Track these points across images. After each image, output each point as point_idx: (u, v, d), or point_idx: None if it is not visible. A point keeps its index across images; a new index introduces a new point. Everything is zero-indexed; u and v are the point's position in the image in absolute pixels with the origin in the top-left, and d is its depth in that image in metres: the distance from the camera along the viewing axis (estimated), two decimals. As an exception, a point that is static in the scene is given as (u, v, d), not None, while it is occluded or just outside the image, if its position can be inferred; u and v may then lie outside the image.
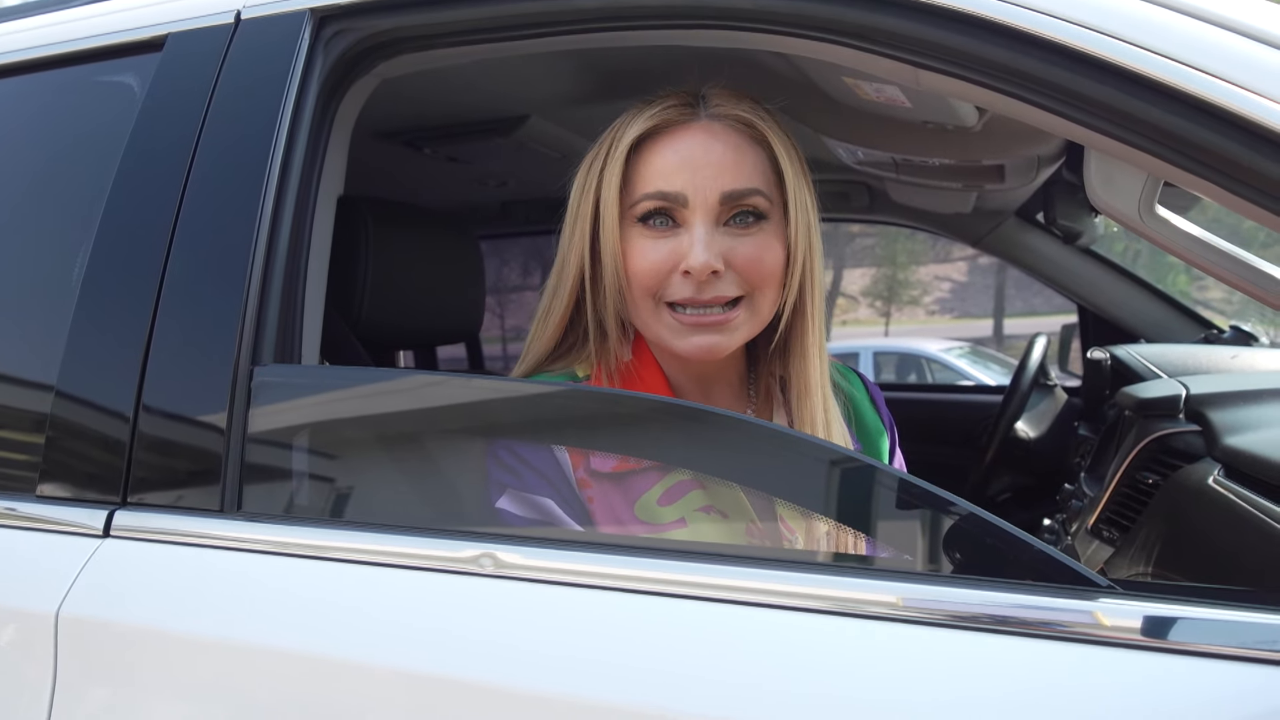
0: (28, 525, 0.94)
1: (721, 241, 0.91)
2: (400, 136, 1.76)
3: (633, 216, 0.93)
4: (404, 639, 0.77)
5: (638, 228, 0.93)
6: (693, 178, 0.91)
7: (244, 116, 0.97)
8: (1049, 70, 0.73)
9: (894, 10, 0.78)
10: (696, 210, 0.91)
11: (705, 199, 0.90)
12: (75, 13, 1.15)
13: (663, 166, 0.92)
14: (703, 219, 0.91)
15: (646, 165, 0.93)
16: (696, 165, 0.91)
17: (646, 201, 0.92)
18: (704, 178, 0.91)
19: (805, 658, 0.69)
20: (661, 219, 0.92)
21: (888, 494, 0.77)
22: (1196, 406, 1.34)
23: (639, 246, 0.92)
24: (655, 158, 0.93)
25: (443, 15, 0.95)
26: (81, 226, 1.00)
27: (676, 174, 0.91)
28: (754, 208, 0.92)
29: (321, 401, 0.90)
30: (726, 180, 0.91)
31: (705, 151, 0.92)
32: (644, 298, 0.93)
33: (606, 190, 0.93)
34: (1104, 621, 0.64)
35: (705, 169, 0.91)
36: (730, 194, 0.91)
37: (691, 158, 0.91)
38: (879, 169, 1.96)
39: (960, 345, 8.97)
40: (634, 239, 0.93)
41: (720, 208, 0.91)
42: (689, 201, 0.91)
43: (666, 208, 0.92)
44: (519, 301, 3.18)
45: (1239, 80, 0.68)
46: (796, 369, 0.98)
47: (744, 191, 0.91)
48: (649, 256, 0.92)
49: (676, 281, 0.91)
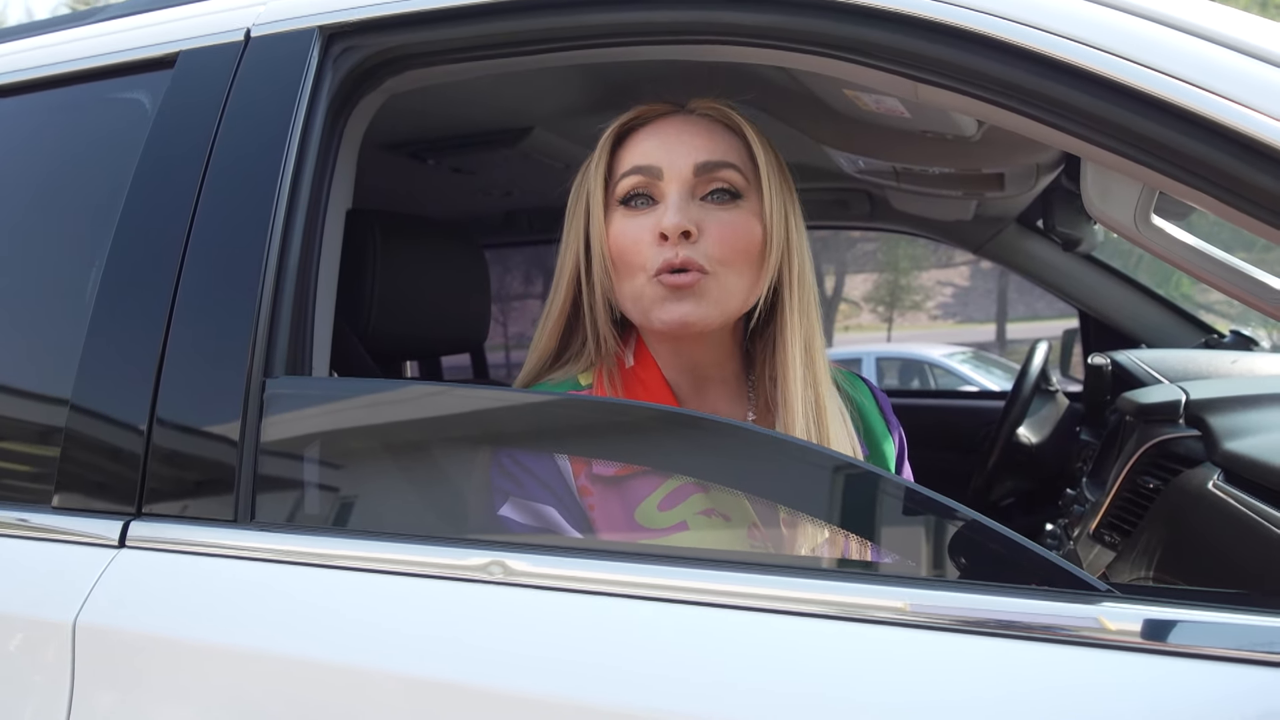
0: (44, 536, 0.95)
1: (696, 211, 0.95)
2: (405, 149, 1.77)
3: (616, 201, 0.98)
4: (416, 646, 0.78)
5: (620, 210, 0.98)
6: (668, 153, 0.96)
7: (255, 132, 0.98)
8: (1044, 84, 0.74)
9: (891, 26, 0.79)
10: (671, 181, 0.95)
11: (679, 170, 0.95)
12: (87, 30, 1.17)
13: (642, 147, 0.98)
14: (678, 189, 0.95)
15: (628, 151, 0.99)
16: (671, 143, 0.97)
17: (625, 180, 0.97)
18: (678, 153, 0.96)
19: (812, 662, 0.70)
20: (641, 199, 0.97)
21: (885, 500, 0.78)
22: (1196, 411, 1.34)
23: (621, 226, 0.97)
24: (635, 144, 0.99)
25: (450, 32, 0.97)
26: (96, 240, 1.01)
27: (653, 151, 0.97)
28: (729, 184, 0.96)
29: (333, 412, 0.92)
30: (700, 153, 0.96)
31: (679, 131, 0.98)
32: (631, 276, 0.96)
33: (594, 180, 0.99)
34: (1105, 625, 0.65)
35: (679, 145, 0.96)
36: (704, 164, 0.95)
37: (666, 137, 0.98)
38: (880, 177, 1.97)
39: (963, 350, 8.96)
40: (617, 221, 0.98)
41: (695, 179, 0.96)
42: (663, 173, 0.96)
43: (644, 184, 0.96)
44: (522, 310, 3.19)
45: (1230, 94, 0.69)
46: (779, 364, 1.00)
47: (718, 163, 0.96)
48: (630, 233, 0.96)
49: (654, 253, 0.94)
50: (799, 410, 0.97)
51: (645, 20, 0.92)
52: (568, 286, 1.01)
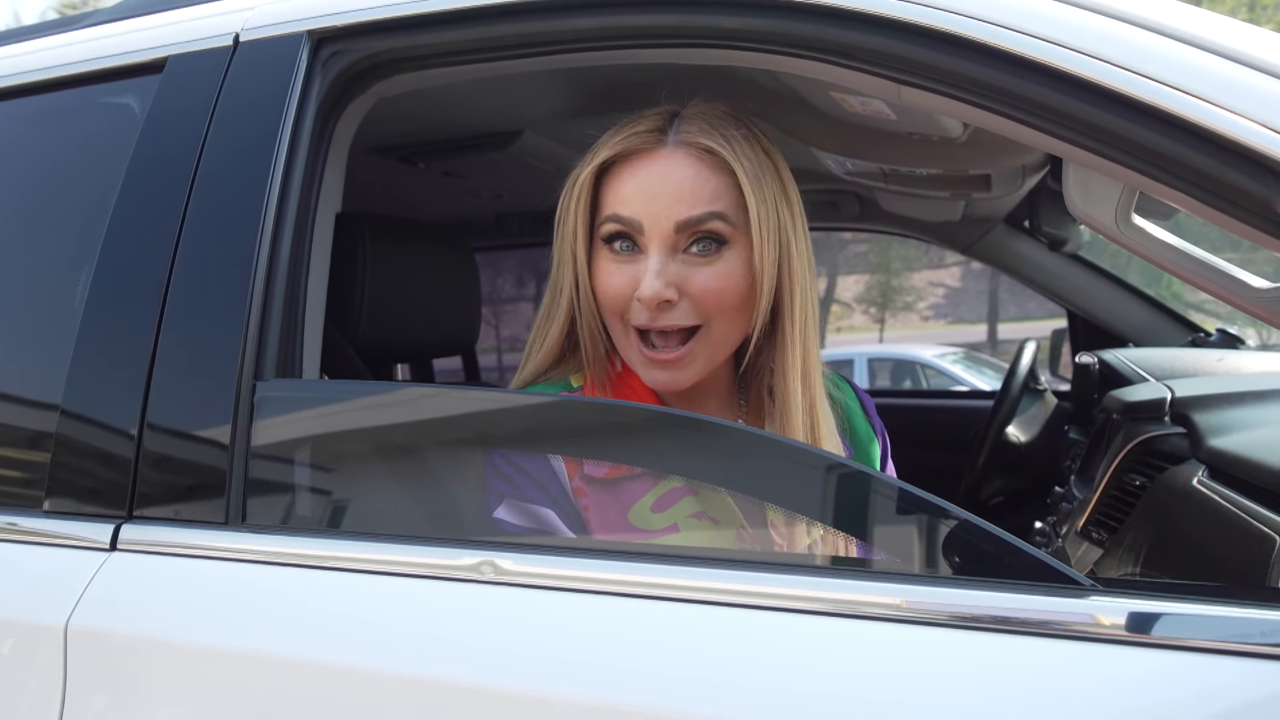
0: (35, 540, 0.95)
1: (677, 270, 0.92)
2: (395, 152, 1.77)
3: (599, 237, 0.96)
4: (408, 646, 0.78)
5: (604, 249, 0.96)
6: (649, 206, 0.92)
7: (243, 136, 0.98)
8: (1025, 87, 0.75)
9: (874, 29, 0.80)
10: (652, 238, 0.92)
11: (660, 228, 0.92)
12: (75, 36, 1.17)
13: (622, 192, 0.94)
14: (658, 248, 0.92)
15: (610, 190, 0.95)
16: (654, 194, 0.92)
17: (608, 224, 0.94)
18: (660, 206, 0.92)
19: (808, 659, 0.70)
20: (624, 242, 0.94)
21: (875, 499, 0.79)
22: (1181, 409, 1.36)
23: (604, 269, 0.95)
24: (618, 183, 0.95)
25: (438, 36, 0.97)
26: (85, 245, 1.01)
27: (634, 200, 0.93)
28: (713, 233, 0.92)
29: (323, 415, 0.92)
30: (683, 209, 0.92)
31: (664, 180, 0.93)
32: (613, 319, 0.96)
33: (578, 213, 0.96)
34: (1090, 619, 0.66)
35: (662, 197, 0.92)
36: (685, 222, 0.92)
37: (649, 186, 0.93)
38: (868, 179, 1.99)
39: (955, 350, 8.99)
40: (601, 260, 0.96)
41: (676, 236, 0.92)
42: (644, 229, 0.93)
43: (626, 232, 0.94)
44: (514, 312, 3.19)
45: (1208, 96, 0.70)
46: (778, 387, 0.99)
47: (700, 218, 0.92)
48: (612, 280, 0.94)
49: (636, 307, 0.93)
50: (799, 428, 0.97)
51: (631, 24, 0.93)
52: (568, 303, 0.99)
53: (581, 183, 0.96)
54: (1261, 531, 0.95)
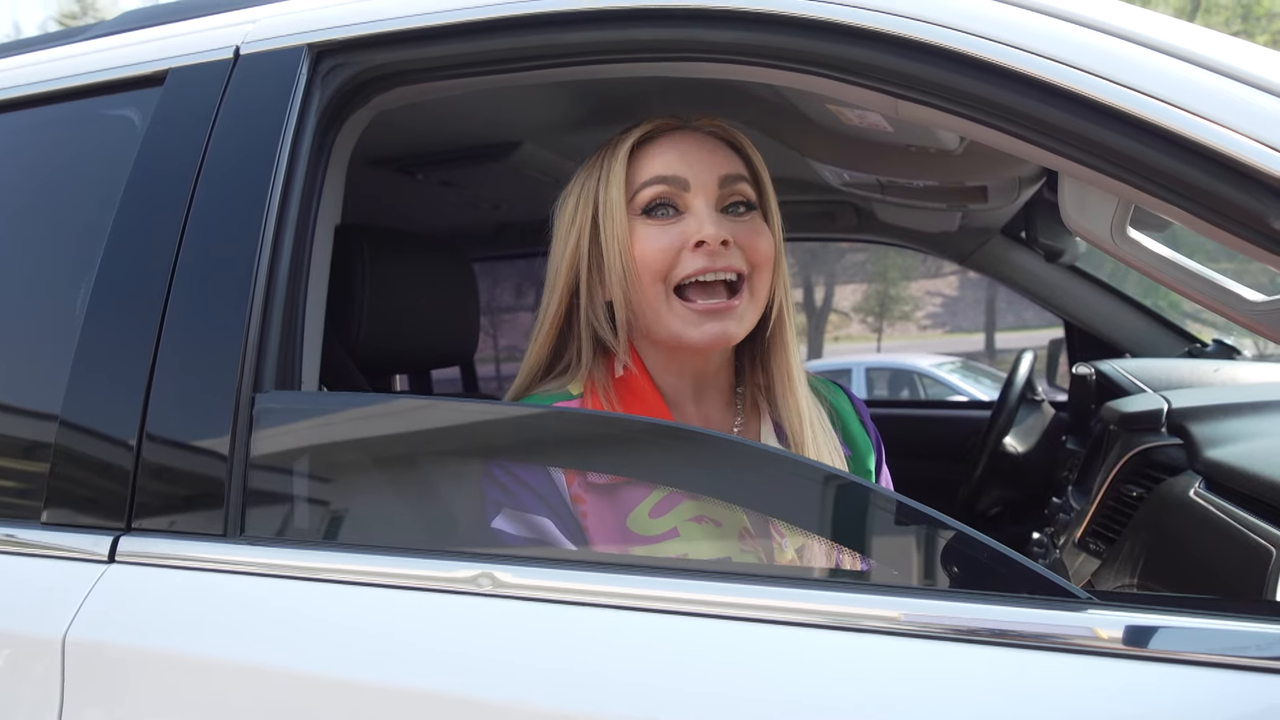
0: (33, 552, 0.95)
1: (723, 221, 0.98)
2: (393, 163, 1.78)
3: (636, 209, 0.99)
4: (407, 658, 0.78)
5: (641, 219, 0.99)
6: (690, 165, 0.99)
7: (244, 149, 0.99)
8: (1022, 102, 0.76)
9: (872, 44, 0.81)
10: (698, 193, 0.98)
11: (705, 182, 0.98)
12: (77, 48, 1.18)
13: (662, 159, 1.00)
14: (705, 200, 0.98)
15: (646, 163, 1.00)
16: (691, 157, 0.99)
17: (649, 189, 0.98)
18: (701, 166, 0.99)
19: (805, 672, 0.70)
20: (664, 209, 0.99)
21: (872, 510, 0.79)
22: (1178, 420, 1.36)
23: (645, 234, 0.98)
24: (653, 155, 1.00)
25: (439, 50, 0.98)
26: (85, 256, 1.02)
27: (675, 163, 0.99)
28: (745, 197, 1.00)
29: (323, 426, 0.92)
30: (721, 166, 0.99)
31: (698, 146, 1.01)
32: (654, 285, 0.97)
33: (612, 189, 0.99)
34: (1088, 631, 0.66)
35: (700, 159, 0.99)
36: (727, 176, 0.99)
37: (687, 150, 1.00)
38: (865, 190, 1.99)
39: (952, 360, 9.00)
40: (639, 230, 0.98)
41: (719, 191, 0.99)
42: (690, 184, 0.98)
43: (669, 194, 0.98)
44: (512, 322, 3.19)
45: (1202, 111, 0.70)
46: (779, 364, 1.04)
47: (737, 176, 1.00)
48: (658, 241, 0.97)
49: (687, 258, 0.96)
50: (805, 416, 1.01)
51: (631, 38, 0.93)
52: (560, 302, 1.02)
53: (618, 158, 1.00)
54: (1258, 544, 0.96)
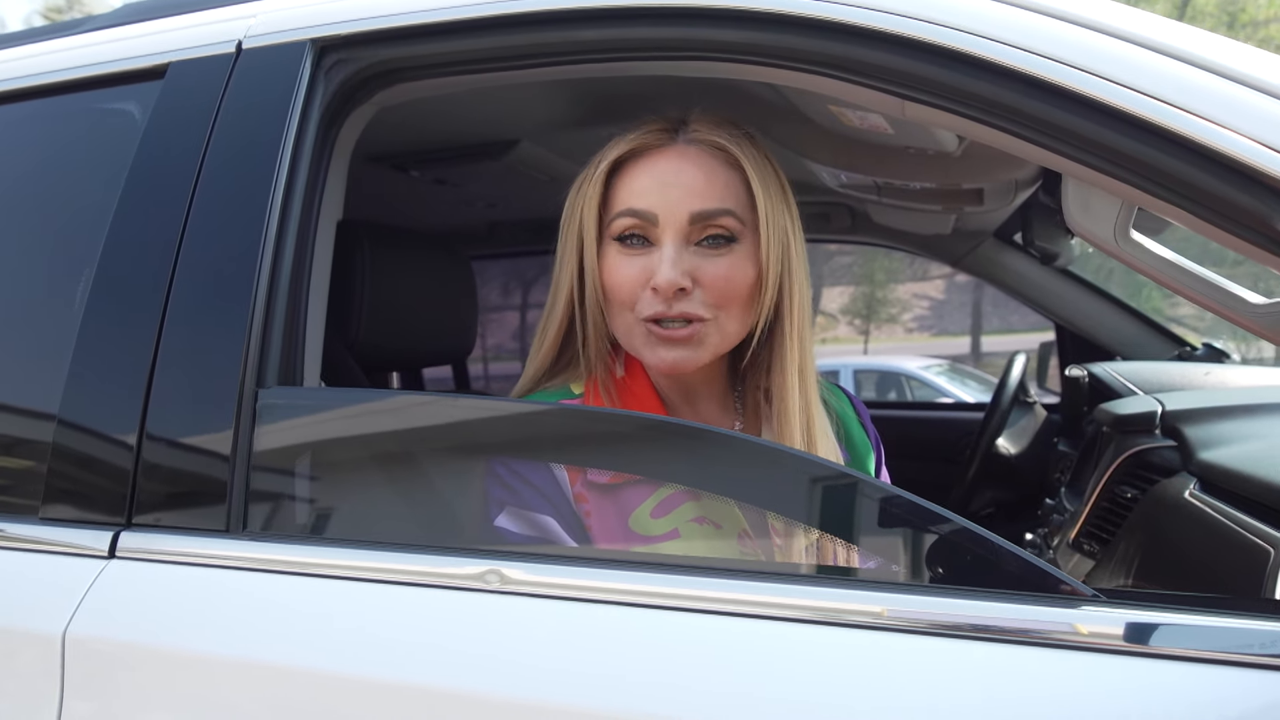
0: (33, 547, 0.94)
1: (690, 260, 0.94)
2: (388, 160, 1.77)
3: (610, 235, 0.97)
4: (412, 654, 0.78)
5: (614, 246, 0.97)
6: (663, 198, 0.94)
7: (246, 143, 0.98)
8: (1030, 103, 0.76)
9: (881, 45, 0.81)
10: (666, 229, 0.94)
11: (675, 218, 0.94)
12: (77, 40, 1.17)
13: (636, 186, 0.96)
14: (672, 238, 0.94)
15: (623, 186, 0.97)
16: (668, 186, 0.95)
17: (620, 220, 0.96)
18: (674, 198, 0.94)
19: (795, 667, 0.71)
20: (636, 239, 0.96)
21: (875, 507, 0.79)
22: (1172, 422, 1.37)
23: (614, 263, 0.96)
24: (631, 179, 0.97)
25: (442, 46, 0.98)
26: (85, 251, 1.01)
27: (648, 193, 0.95)
28: (724, 229, 0.95)
29: (326, 422, 0.92)
30: (696, 201, 0.94)
31: (677, 173, 0.95)
32: (621, 311, 0.97)
33: (587, 211, 0.98)
34: (1088, 628, 0.67)
35: (676, 189, 0.94)
36: (699, 214, 0.94)
37: (663, 179, 0.95)
38: (861, 192, 2.00)
39: (939, 363, 9.03)
40: (610, 256, 0.97)
41: (690, 228, 0.94)
42: (659, 220, 0.94)
43: (639, 226, 0.95)
44: (500, 321, 3.18)
45: (1206, 113, 0.71)
46: (776, 385, 1.01)
47: (713, 212, 0.94)
48: (623, 272, 0.95)
49: (647, 298, 0.94)
50: (796, 427, 0.98)
51: (632, 36, 0.93)
52: (564, 308, 1.01)
53: (594, 179, 0.98)
54: (1255, 544, 0.97)
